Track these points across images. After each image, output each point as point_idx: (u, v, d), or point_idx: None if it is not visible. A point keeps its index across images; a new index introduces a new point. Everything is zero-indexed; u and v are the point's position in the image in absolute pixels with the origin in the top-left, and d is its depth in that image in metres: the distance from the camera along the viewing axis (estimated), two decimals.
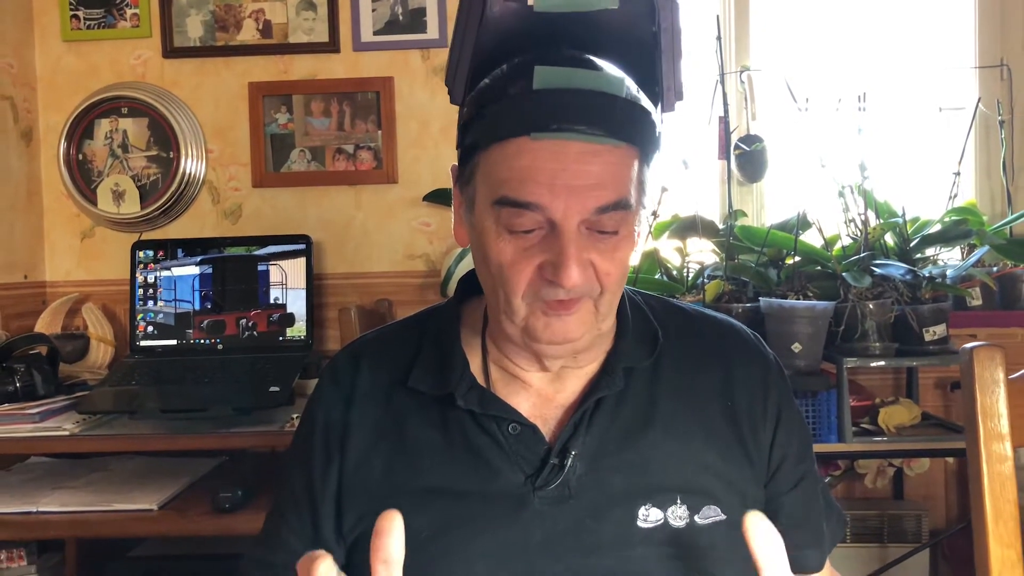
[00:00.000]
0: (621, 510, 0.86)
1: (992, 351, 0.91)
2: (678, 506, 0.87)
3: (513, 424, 0.89)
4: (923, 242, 1.93)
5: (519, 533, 0.86)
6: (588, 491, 0.87)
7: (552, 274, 0.81)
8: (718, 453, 0.90)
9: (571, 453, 0.87)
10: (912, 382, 2.09)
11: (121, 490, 1.75)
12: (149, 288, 2.06)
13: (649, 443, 0.89)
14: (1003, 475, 0.90)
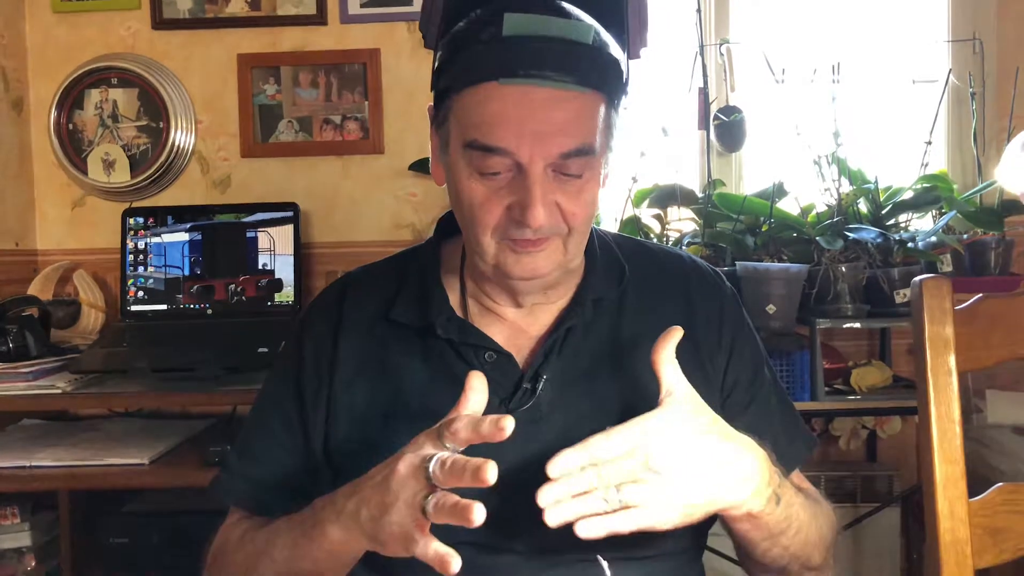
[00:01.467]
0: (589, 430, 0.91)
1: (940, 282, 0.96)
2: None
3: (490, 352, 0.95)
4: (895, 209, 1.98)
5: (493, 452, 0.91)
6: (557, 413, 0.93)
7: (519, 215, 0.86)
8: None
9: (542, 378, 0.93)
10: (885, 346, 2.15)
11: (113, 447, 1.80)
12: (140, 254, 2.10)
13: (614, 368, 0.95)
14: (948, 397, 0.95)
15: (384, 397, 0.95)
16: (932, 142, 2.07)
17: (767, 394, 1.01)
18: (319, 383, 0.97)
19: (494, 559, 0.89)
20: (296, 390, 0.98)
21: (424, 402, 0.94)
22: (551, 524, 0.75)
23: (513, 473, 0.91)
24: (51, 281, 2.17)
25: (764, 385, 1.01)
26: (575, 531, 0.74)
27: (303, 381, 0.98)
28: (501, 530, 0.90)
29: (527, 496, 0.92)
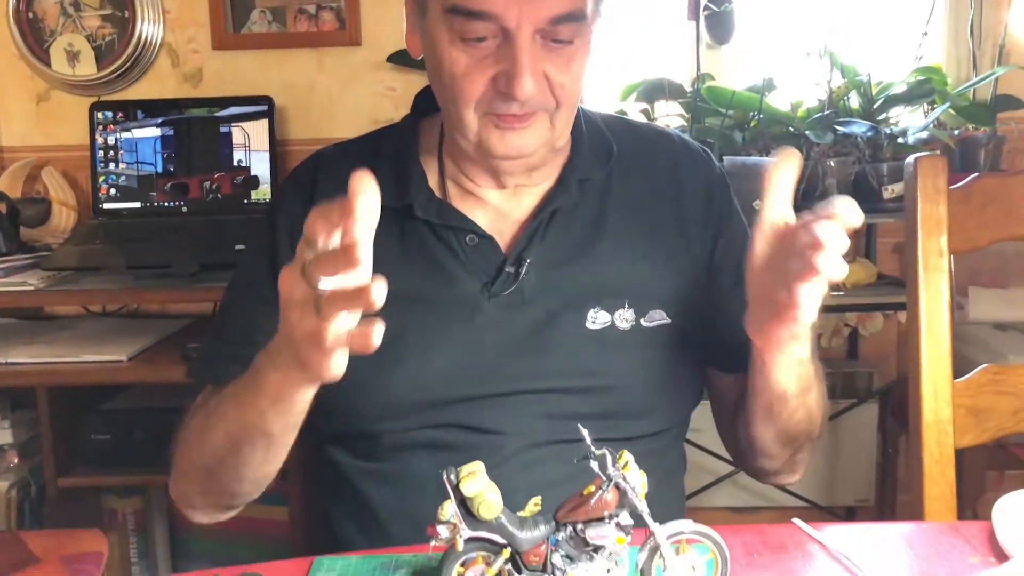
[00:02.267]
0: (571, 313, 0.90)
1: (935, 160, 0.94)
2: (625, 309, 0.91)
3: (471, 235, 0.91)
4: (887, 102, 1.94)
5: (474, 336, 0.90)
6: (540, 297, 0.91)
7: (505, 85, 0.81)
8: (665, 260, 0.94)
9: (526, 261, 0.90)
10: (870, 244, 2.13)
11: (90, 345, 1.77)
12: (110, 151, 2.03)
13: (600, 251, 0.92)
14: (938, 279, 0.94)
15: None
16: (928, 32, 2.01)
17: None
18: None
19: (476, 438, 0.88)
20: (271, 270, 0.94)
21: (401, 286, 0.90)
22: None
23: (494, 357, 0.90)
24: (18, 178, 2.10)
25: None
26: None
27: (279, 261, 0.94)
28: (485, 413, 0.89)
29: (508, 379, 0.92)
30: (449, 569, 0.62)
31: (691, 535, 0.63)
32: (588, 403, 0.90)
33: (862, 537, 0.80)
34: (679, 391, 0.95)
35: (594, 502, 0.60)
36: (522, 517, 0.62)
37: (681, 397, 0.96)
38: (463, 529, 0.60)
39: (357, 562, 0.78)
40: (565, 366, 0.90)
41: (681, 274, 0.93)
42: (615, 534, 0.61)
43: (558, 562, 0.61)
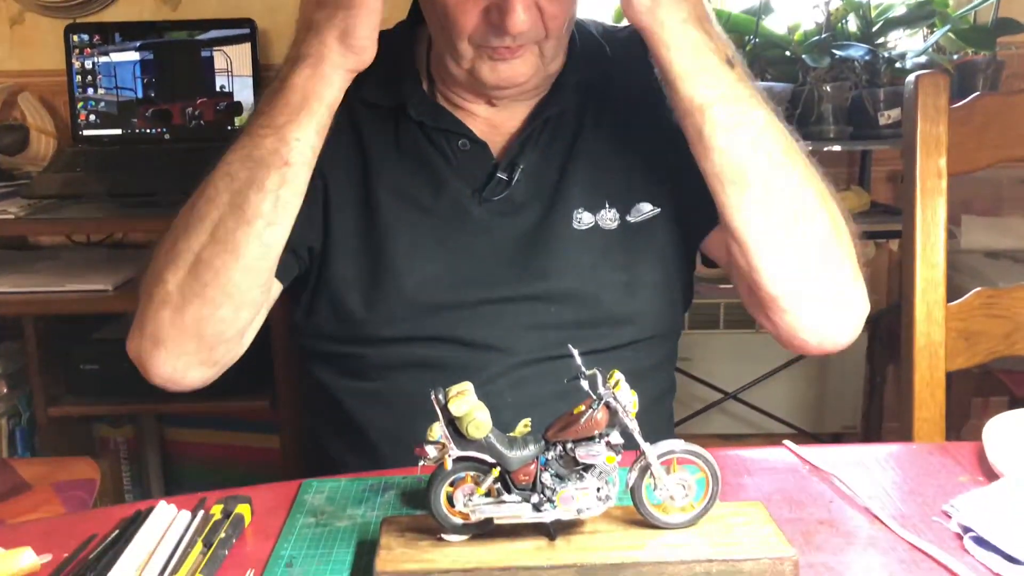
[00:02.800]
0: (558, 216, 0.90)
1: (937, 78, 0.91)
2: (607, 210, 0.91)
3: (463, 140, 0.91)
4: (886, 26, 1.89)
5: (464, 240, 0.90)
6: (530, 202, 0.91)
7: (498, 19, 0.80)
8: (647, 153, 0.92)
9: (519, 168, 0.90)
10: (865, 172, 2.11)
11: (75, 274, 1.75)
12: (87, 75, 1.97)
13: (580, 153, 0.92)
14: (936, 201, 0.92)
15: (357, 172, 0.92)
16: None
17: None
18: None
19: (464, 355, 0.88)
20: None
21: (394, 184, 0.91)
22: None
23: (484, 263, 0.89)
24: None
25: None
26: None
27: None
28: (474, 324, 0.88)
29: (497, 285, 0.90)
30: (438, 489, 0.61)
31: (682, 454, 0.63)
32: (576, 310, 0.90)
33: (851, 458, 0.80)
34: (668, 291, 0.94)
35: (584, 421, 0.60)
36: (511, 437, 0.62)
37: (670, 298, 0.95)
38: (452, 449, 0.60)
39: (346, 484, 0.78)
40: (553, 270, 0.90)
41: (664, 163, 0.92)
42: (605, 453, 0.60)
43: (547, 481, 0.61)
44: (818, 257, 0.82)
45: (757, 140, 0.79)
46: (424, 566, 0.60)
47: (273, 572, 0.64)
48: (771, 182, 0.80)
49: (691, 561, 0.60)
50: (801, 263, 0.81)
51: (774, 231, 0.80)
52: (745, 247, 0.82)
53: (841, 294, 0.84)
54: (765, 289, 0.82)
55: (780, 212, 0.80)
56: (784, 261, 0.81)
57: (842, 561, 0.63)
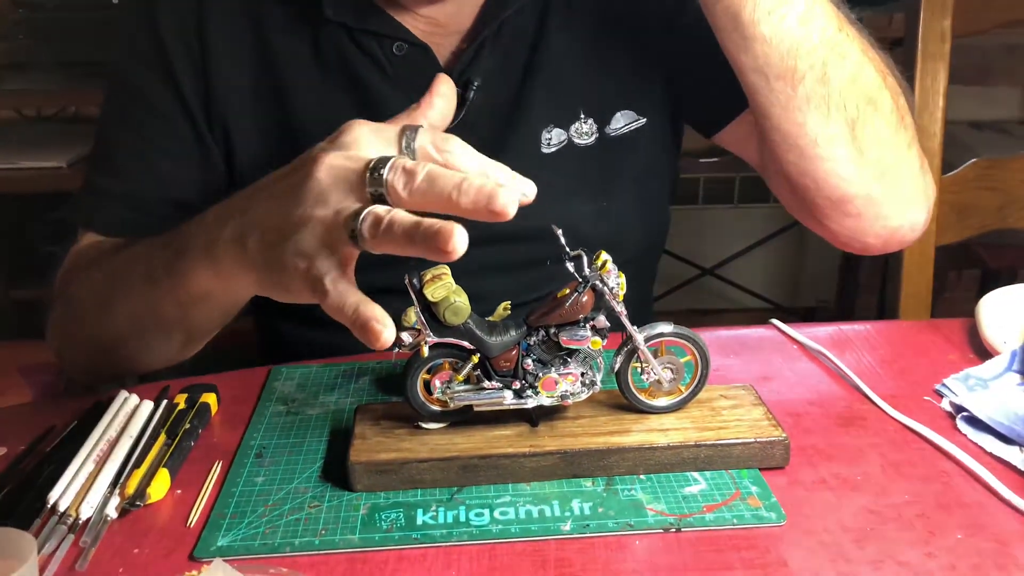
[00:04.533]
0: (522, 137, 0.79)
1: None
2: (582, 121, 0.80)
3: (399, 43, 0.77)
4: None
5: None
6: (486, 122, 0.78)
7: None
8: (634, 51, 0.81)
9: (474, 84, 0.77)
10: None
11: (27, 151, 1.66)
12: None
13: (545, 59, 0.79)
14: (938, 66, 0.87)
15: (271, 98, 0.78)
16: None
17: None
18: (195, 77, 0.78)
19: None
20: (165, 80, 0.78)
21: (317, 111, 0.77)
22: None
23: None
24: None
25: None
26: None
27: (178, 76, 0.78)
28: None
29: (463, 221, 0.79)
30: (414, 376, 0.58)
31: (670, 337, 0.59)
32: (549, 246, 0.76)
33: (840, 336, 0.78)
34: (651, 211, 0.86)
35: (568, 305, 0.56)
36: (491, 322, 0.58)
37: (653, 218, 0.87)
38: (428, 335, 0.56)
39: (317, 370, 0.74)
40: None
41: (650, 63, 0.81)
42: (591, 337, 0.57)
43: (530, 367, 0.58)
44: (884, 151, 0.70)
45: (807, 16, 0.66)
46: (401, 455, 0.57)
47: (241, 464, 0.61)
48: (828, 70, 0.67)
49: (678, 446, 0.58)
50: (866, 162, 0.70)
51: (833, 129, 0.68)
52: (797, 150, 0.70)
53: (910, 187, 0.73)
54: (822, 195, 0.72)
55: (840, 105, 0.68)
56: (846, 162, 0.70)
57: (832, 443, 0.62)
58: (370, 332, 0.49)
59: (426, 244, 0.47)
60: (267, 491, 0.58)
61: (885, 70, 0.71)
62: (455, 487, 0.57)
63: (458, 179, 0.49)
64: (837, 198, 0.72)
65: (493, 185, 0.48)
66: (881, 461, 0.60)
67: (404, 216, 0.49)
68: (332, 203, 0.51)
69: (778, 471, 0.59)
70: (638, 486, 0.57)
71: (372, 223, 0.49)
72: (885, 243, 0.76)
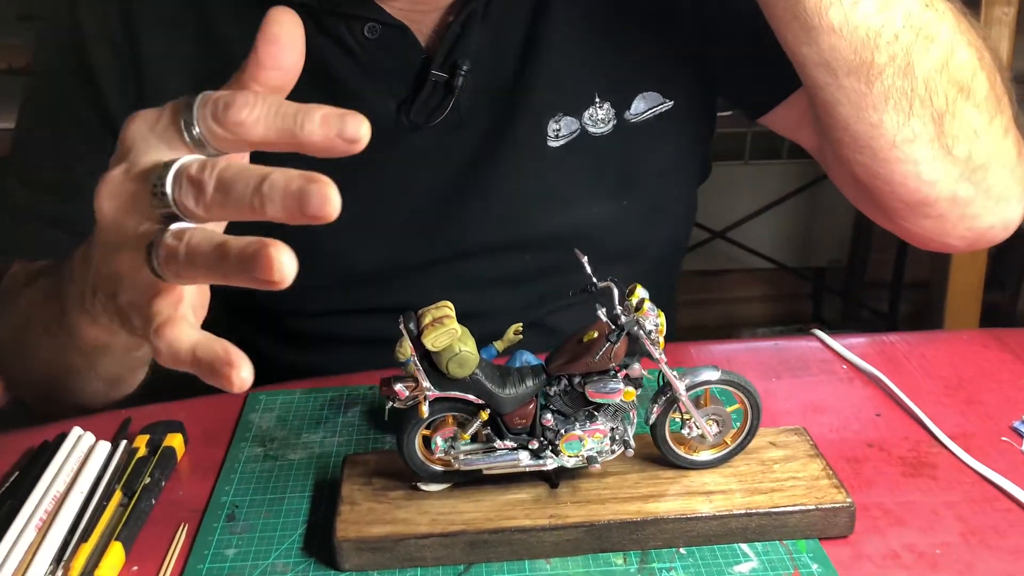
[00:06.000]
0: (525, 130, 0.68)
1: None
2: (597, 106, 0.69)
3: (371, 24, 0.65)
4: None
5: (395, 182, 0.67)
6: (481, 113, 0.67)
7: None
8: (648, 22, 0.69)
9: (462, 69, 0.65)
10: None
11: None
12: None
13: (554, 34, 0.67)
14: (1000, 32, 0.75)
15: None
16: None
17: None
18: (123, 81, 0.66)
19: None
20: (94, 96, 0.67)
21: None
22: None
23: (427, 210, 0.68)
24: None
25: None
26: None
27: (100, 80, 0.66)
28: (427, 288, 0.69)
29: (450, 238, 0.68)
30: (411, 435, 0.49)
31: (718, 384, 0.50)
32: (559, 255, 0.65)
33: (888, 350, 0.69)
34: (676, 209, 0.76)
35: (599, 357, 0.46)
36: (503, 370, 0.49)
37: (678, 217, 0.77)
38: (428, 389, 0.46)
39: (300, 399, 0.65)
40: (526, 209, 0.69)
41: (678, 35, 0.69)
42: (623, 389, 0.48)
43: (550, 422, 0.48)
44: (976, 144, 0.59)
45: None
46: (396, 529, 0.48)
47: (210, 529, 0.52)
48: (912, 58, 0.56)
49: (725, 515, 0.49)
50: (952, 160, 0.59)
51: (915, 127, 0.58)
52: (870, 152, 0.60)
53: (1004, 181, 0.62)
54: (898, 198, 0.62)
55: (925, 99, 0.57)
56: (929, 163, 0.59)
57: (901, 501, 0.53)
58: (220, 377, 0.36)
59: (244, 275, 0.35)
60: (239, 570, 0.49)
61: (980, 44, 0.59)
62: (461, 565, 0.49)
63: (255, 180, 0.35)
64: (916, 201, 0.62)
65: (301, 181, 0.34)
66: (961, 527, 0.51)
67: (203, 241, 0.36)
68: (129, 234, 0.40)
69: (841, 540, 0.50)
70: (678, 564, 0.48)
71: (167, 258, 0.37)
72: (971, 244, 0.66)
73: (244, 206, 0.36)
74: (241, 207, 0.36)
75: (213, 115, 0.38)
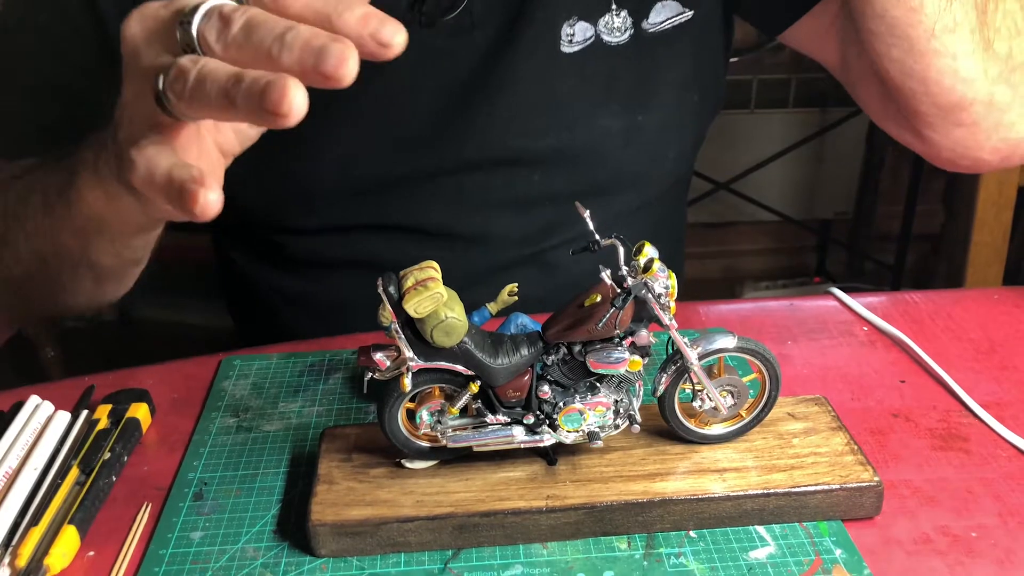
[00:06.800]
0: (538, 34, 0.63)
1: None
2: (614, 13, 0.64)
3: None
4: None
5: (401, 84, 0.63)
6: (493, 17, 0.63)
7: None
8: None
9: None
10: None
11: None
12: None
13: None
14: None
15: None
16: None
17: None
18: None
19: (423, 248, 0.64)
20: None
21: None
22: None
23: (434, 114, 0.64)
24: None
25: None
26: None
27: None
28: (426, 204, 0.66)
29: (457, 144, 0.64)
30: (393, 414, 0.44)
31: (734, 353, 0.45)
32: (569, 176, 0.66)
33: (910, 309, 0.64)
34: (691, 128, 0.72)
35: (603, 324, 0.41)
36: (495, 337, 0.44)
37: (694, 136, 0.73)
38: (411, 359, 0.42)
39: (278, 364, 0.60)
40: (535, 120, 0.65)
41: None
42: (628, 359, 0.43)
43: (547, 394, 0.44)
44: (1018, 41, 0.57)
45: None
46: (378, 512, 0.44)
47: (175, 509, 0.48)
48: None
49: (739, 496, 0.44)
50: (992, 56, 0.56)
51: (956, 14, 0.54)
52: (906, 44, 0.56)
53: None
54: (931, 100, 0.58)
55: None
56: (967, 58, 0.56)
57: (931, 478, 0.48)
58: (187, 196, 0.36)
59: (250, 105, 0.34)
60: (206, 554, 0.45)
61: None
62: (449, 551, 0.44)
63: (281, 28, 0.35)
64: (950, 104, 0.58)
65: (325, 39, 0.34)
66: (999, 507, 0.46)
67: (218, 68, 0.36)
68: (144, 62, 0.40)
69: (866, 522, 0.46)
70: (688, 549, 0.44)
71: (176, 78, 0.37)
72: (1004, 159, 0.62)
73: (263, 50, 0.35)
74: (260, 51, 0.35)
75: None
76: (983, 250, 0.82)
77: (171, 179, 0.37)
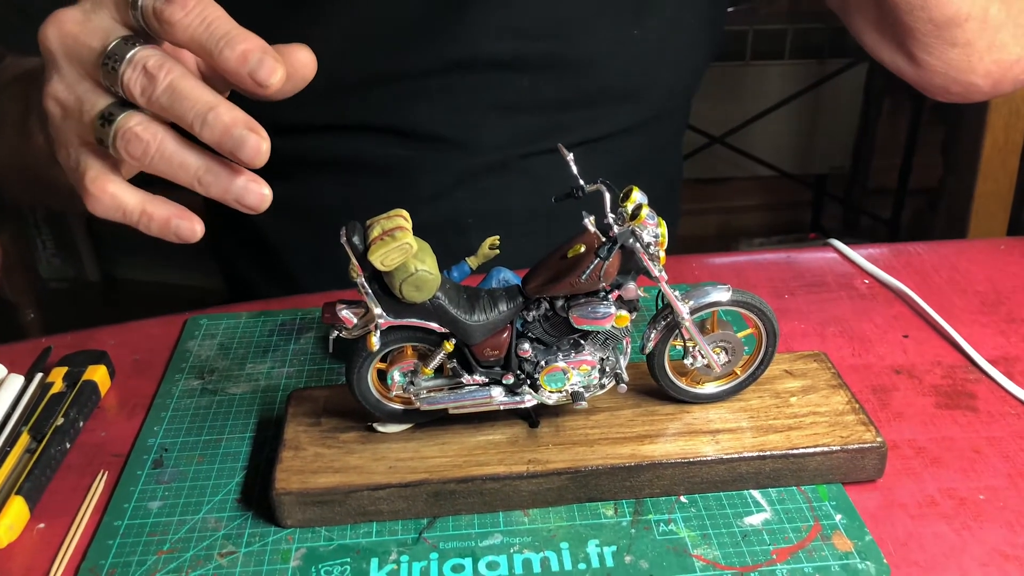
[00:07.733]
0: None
1: None
2: None
3: None
4: None
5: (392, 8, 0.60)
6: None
7: None
8: None
9: None
10: None
11: None
12: None
13: None
14: None
15: None
16: None
17: None
18: None
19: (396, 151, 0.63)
20: None
21: None
22: None
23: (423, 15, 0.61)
24: None
25: None
26: None
27: None
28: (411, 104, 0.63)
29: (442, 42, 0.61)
30: (362, 374, 0.41)
31: (728, 306, 0.42)
32: (560, 83, 0.63)
33: (912, 260, 0.61)
34: (691, 46, 0.68)
35: (587, 276, 0.38)
36: (472, 292, 0.40)
37: (693, 55, 0.69)
38: (379, 316, 0.38)
39: (247, 322, 0.57)
40: (528, 20, 0.61)
41: None
42: (615, 313, 0.40)
43: (527, 352, 0.41)
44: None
45: None
46: (347, 479, 0.41)
47: (133, 477, 0.45)
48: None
49: (733, 458, 0.42)
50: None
51: None
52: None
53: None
54: (926, 16, 0.57)
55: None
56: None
57: (936, 437, 0.46)
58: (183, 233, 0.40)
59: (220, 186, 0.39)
60: (164, 526, 0.42)
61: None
62: (424, 519, 0.42)
63: (202, 107, 0.37)
64: (944, 20, 0.57)
65: (243, 127, 0.37)
66: (1008, 468, 0.44)
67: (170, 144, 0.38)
68: (69, 81, 0.40)
69: (868, 485, 0.43)
70: (678, 515, 0.41)
71: (129, 141, 0.38)
72: (996, 83, 0.60)
73: (184, 121, 0.37)
74: (181, 120, 0.37)
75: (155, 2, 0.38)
76: (987, 200, 0.78)
77: (151, 218, 0.39)
